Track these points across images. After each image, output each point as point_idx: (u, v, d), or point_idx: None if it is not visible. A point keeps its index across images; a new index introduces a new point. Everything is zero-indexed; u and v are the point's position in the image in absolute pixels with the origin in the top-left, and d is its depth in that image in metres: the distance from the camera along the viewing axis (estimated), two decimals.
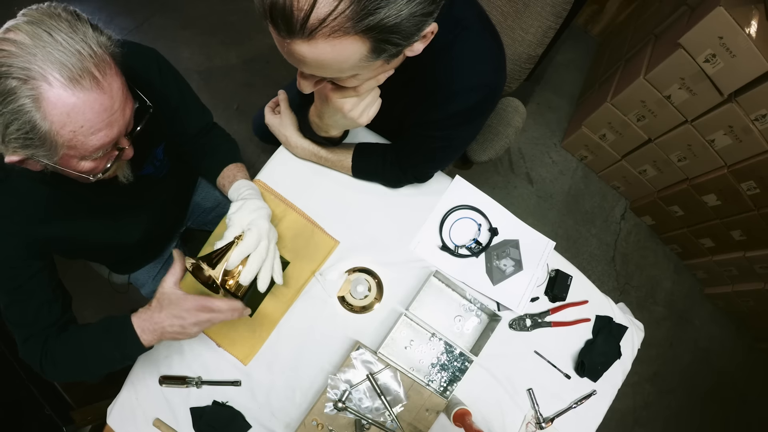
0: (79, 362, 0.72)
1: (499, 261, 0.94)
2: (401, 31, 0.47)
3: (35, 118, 0.51)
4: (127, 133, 0.63)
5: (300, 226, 0.92)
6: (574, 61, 2.17)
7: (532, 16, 1.04)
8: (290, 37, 0.46)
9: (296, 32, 0.45)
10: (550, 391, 0.93)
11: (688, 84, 1.42)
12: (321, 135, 0.85)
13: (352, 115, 0.69)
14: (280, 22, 0.45)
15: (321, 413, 0.82)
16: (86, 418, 1.09)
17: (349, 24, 0.44)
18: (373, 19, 0.44)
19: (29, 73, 0.49)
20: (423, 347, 0.89)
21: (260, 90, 1.95)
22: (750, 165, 1.47)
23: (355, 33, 0.45)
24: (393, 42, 0.49)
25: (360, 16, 0.44)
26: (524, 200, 1.97)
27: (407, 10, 0.45)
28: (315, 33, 0.45)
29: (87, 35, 0.53)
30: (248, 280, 0.71)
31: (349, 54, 0.48)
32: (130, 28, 2.05)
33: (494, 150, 1.12)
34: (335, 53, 0.47)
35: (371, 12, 0.44)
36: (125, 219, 0.88)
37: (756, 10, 1.24)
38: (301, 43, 0.46)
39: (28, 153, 0.54)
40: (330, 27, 0.44)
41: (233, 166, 0.91)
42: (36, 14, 0.51)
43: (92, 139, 0.55)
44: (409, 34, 0.49)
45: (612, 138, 1.82)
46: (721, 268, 1.87)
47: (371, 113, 0.70)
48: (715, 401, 1.94)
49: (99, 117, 0.54)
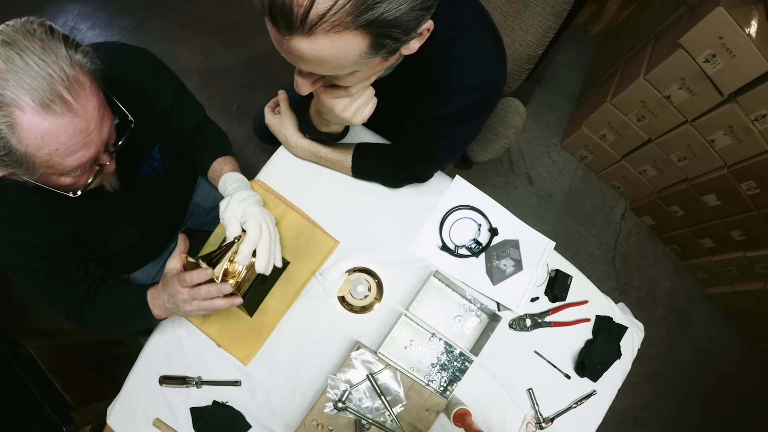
0: (113, 324, 0.86)
1: (499, 261, 0.94)
2: (401, 24, 0.48)
3: (11, 142, 0.51)
4: (107, 148, 0.63)
5: (300, 226, 0.92)
6: (574, 61, 2.17)
7: (532, 16, 1.04)
8: (290, 34, 0.46)
9: (296, 28, 0.45)
10: (550, 391, 0.93)
11: (688, 84, 1.42)
12: (322, 130, 0.85)
13: (345, 115, 0.69)
14: (279, 18, 0.45)
15: (321, 413, 0.82)
16: (86, 418, 1.09)
17: (349, 19, 0.44)
18: (373, 13, 0.44)
19: (2, 99, 0.49)
20: (423, 347, 0.89)
21: (260, 90, 1.95)
22: (750, 165, 1.47)
23: (355, 28, 0.45)
24: (393, 36, 0.49)
25: (360, 11, 0.44)
26: (524, 200, 1.97)
27: (407, 4, 0.46)
28: (315, 29, 0.45)
29: (60, 55, 0.52)
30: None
31: (349, 49, 0.48)
32: (130, 28, 2.05)
33: (494, 150, 1.12)
34: (335, 49, 0.48)
35: (371, 6, 0.44)
36: (123, 220, 0.88)
37: (756, 10, 1.24)
38: (300, 40, 0.46)
39: (9, 171, 0.55)
40: (330, 22, 0.44)
41: (221, 160, 0.92)
42: (11, 33, 0.51)
43: (68, 160, 0.56)
44: (408, 29, 0.49)
45: (612, 138, 1.82)
46: (721, 268, 1.87)
47: (365, 113, 0.70)
48: (715, 401, 1.94)
49: (73, 140, 0.55)
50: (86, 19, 2.08)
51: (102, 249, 0.90)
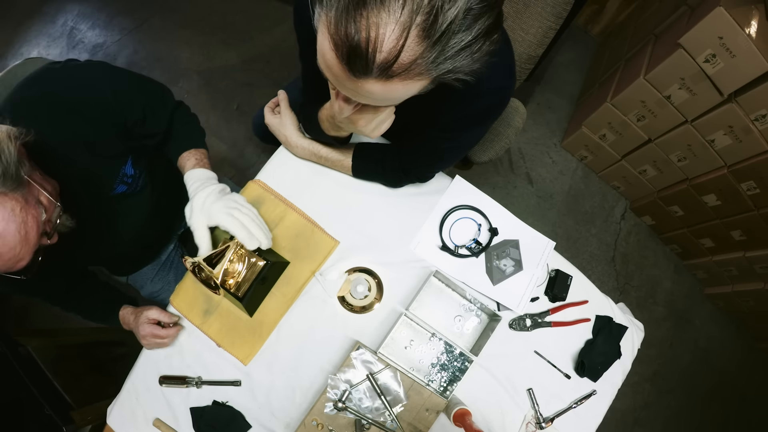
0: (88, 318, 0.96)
1: (499, 261, 0.94)
2: (465, 68, 0.49)
3: None
4: (44, 233, 0.63)
5: (300, 226, 0.92)
6: (574, 61, 2.17)
7: (532, 16, 1.04)
8: (364, 77, 0.46)
9: (373, 74, 0.45)
10: (550, 391, 0.93)
11: (688, 84, 1.42)
12: (330, 134, 0.85)
13: (365, 130, 0.70)
14: (357, 63, 0.45)
15: (321, 413, 0.82)
16: (86, 418, 1.10)
17: (430, 67, 0.45)
18: (451, 63, 0.46)
19: None
20: (423, 347, 0.89)
21: (260, 90, 1.95)
22: (750, 165, 1.47)
23: (430, 76, 0.47)
24: (457, 78, 0.50)
25: (439, 62, 0.45)
26: (524, 200, 1.97)
27: (479, 53, 0.47)
28: (395, 77, 0.45)
29: None
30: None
31: (416, 89, 0.50)
32: (130, 28, 2.05)
33: (494, 150, 1.12)
34: (405, 90, 0.49)
35: (449, 57, 0.45)
36: (107, 235, 0.87)
37: (756, 10, 1.24)
38: (374, 83, 0.47)
39: None
40: (413, 72, 0.45)
41: (186, 155, 0.86)
42: None
43: (8, 272, 0.59)
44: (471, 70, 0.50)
45: (612, 138, 1.82)
46: (721, 268, 1.87)
47: (383, 128, 0.71)
48: (715, 401, 1.94)
49: (5, 266, 0.58)
50: (86, 19, 2.08)
51: (87, 261, 0.92)
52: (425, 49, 0.43)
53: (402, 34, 0.42)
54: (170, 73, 1.97)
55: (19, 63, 0.95)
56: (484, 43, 0.46)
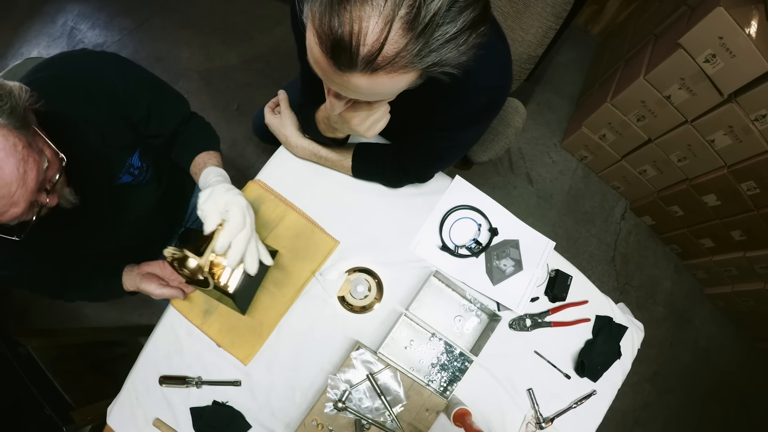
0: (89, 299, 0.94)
1: (499, 261, 0.94)
2: (454, 60, 0.49)
3: None
4: (43, 188, 0.61)
5: (300, 226, 0.92)
6: (574, 61, 2.17)
7: (532, 16, 1.04)
8: (349, 71, 0.46)
9: (357, 67, 0.45)
10: (550, 391, 0.93)
11: (688, 84, 1.42)
12: (327, 135, 0.85)
13: (360, 129, 0.70)
14: (341, 56, 0.45)
15: (321, 413, 0.82)
16: (86, 418, 1.10)
17: (414, 60, 0.45)
18: (436, 55, 0.46)
19: None
20: (423, 347, 0.89)
21: (260, 90, 1.95)
22: (750, 165, 1.47)
23: (414, 68, 0.47)
24: (444, 71, 0.50)
25: (424, 54, 0.45)
26: (524, 200, 1.97)
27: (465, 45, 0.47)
28: (379, 69, 0.45)
29: None
30: (236, 260, 0.67)
31: (403, 83, 0.50)
32: (130, 28, 2.05)
33: (494, 150, 1.12)
34: (392, 84, 0.49)
35: (434, 49, 0.45)
36: (106, 227, 0.87)
37: (756, 10, 1.24)
38: (360, 76, 0.47)
39: None
40: (396, 64, 0.45)
41: (205, 154, 0.87)
42: None
43: (1, 218, 0.57)
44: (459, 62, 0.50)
45: (612, 138, 1.82)
46: (721, 268, 1.87)
47: (378, 128, 0.71)
48: (715, 401, 1.94)
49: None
50: (86, 19, 2.08)
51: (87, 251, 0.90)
52: (409, 41, 0.43)
53: (385, 27, 0.42)
54: (170, 73, 1.97)
55: (19, 63, 0.96)
56: (470, 35, 0.46)
